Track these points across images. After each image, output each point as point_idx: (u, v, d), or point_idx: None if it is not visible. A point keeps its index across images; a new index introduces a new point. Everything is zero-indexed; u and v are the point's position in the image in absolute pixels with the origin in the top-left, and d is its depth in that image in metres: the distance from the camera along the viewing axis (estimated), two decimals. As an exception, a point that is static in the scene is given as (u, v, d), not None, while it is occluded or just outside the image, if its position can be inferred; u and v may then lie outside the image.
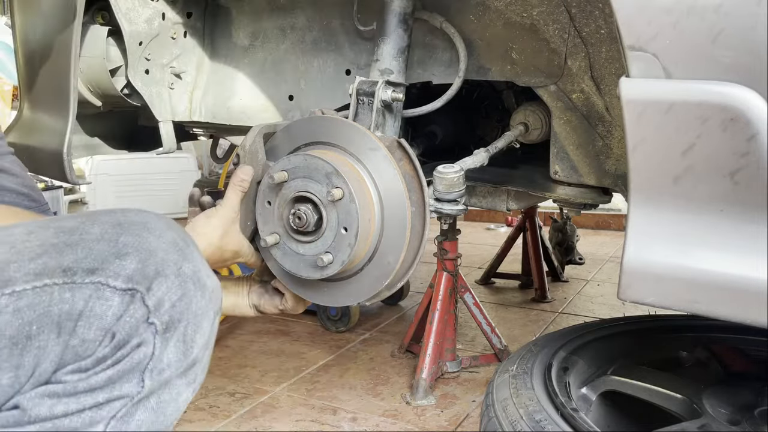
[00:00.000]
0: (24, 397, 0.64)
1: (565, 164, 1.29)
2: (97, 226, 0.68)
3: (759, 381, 1.21)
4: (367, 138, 1.02)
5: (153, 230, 0.70)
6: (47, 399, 0.64)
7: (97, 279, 0.65)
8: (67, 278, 0.65)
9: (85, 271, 0.65)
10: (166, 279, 0.68)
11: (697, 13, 0.77)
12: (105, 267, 0.66)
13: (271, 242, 1.02)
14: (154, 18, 1.62)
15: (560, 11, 1.14)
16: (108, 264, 0.66)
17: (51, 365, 0.64)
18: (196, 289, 0.70)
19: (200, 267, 0.72)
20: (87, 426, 0.65)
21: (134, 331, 0.65)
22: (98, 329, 0.64)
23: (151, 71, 1.65)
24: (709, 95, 0.78)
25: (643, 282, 0.87)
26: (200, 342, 0.71)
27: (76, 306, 0.64)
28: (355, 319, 2.19)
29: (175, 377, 0.69)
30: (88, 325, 0.64)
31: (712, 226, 0.82)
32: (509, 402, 1.14)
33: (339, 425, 1.52)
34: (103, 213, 0.72)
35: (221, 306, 0.77)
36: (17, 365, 0.63)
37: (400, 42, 1.21)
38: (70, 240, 0.67)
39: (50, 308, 0.64)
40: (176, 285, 0.68)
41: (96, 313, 0.64)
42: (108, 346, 0.65)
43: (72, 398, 0.64)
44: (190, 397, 0.74)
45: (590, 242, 3.75)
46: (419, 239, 1.04)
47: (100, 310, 0.64)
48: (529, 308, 2.48)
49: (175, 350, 0.68)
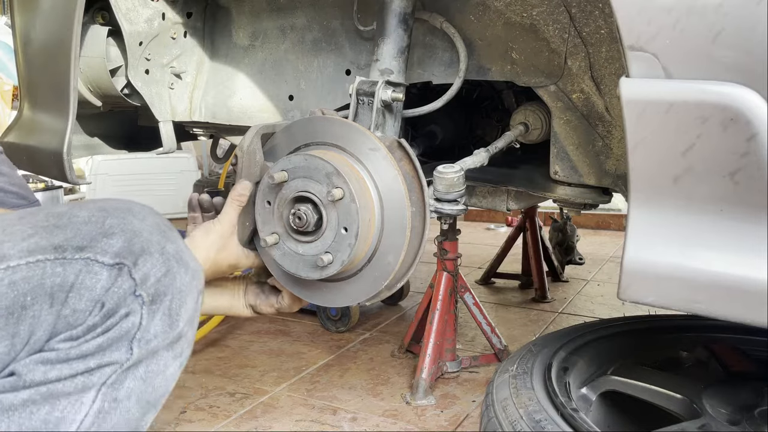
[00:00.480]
0: (19, 364, 0.68)
1: (565, 164, 1.29)
2: (84, 211, 0.73)
3: (759, 381, 1.21)
4: (367, 138, 1.02)
5: (136, 214, 0.74)
6: (41, 365, 0.68)
7: (86, 255, 0.69)
8: (58, 254, 0.68)
9: (74, 248, 0.69)
10: (150, 256, 0.72)
11: (697, 13, 0.77)
12: (93, 245, 0.69)
13: (270, 242, 1.02)
14: (154, 18, 1.62)
15: (560, 11, 1.14)
16: (96, 242, 0.70)
17: (44, 334, 0.68)
18: (180, 267, 0.74)
19: (183, 248, 0.76)
20: (80, 391, 0.68)
21: (122, 301, 0.69)
22: (88, 300, 0.68)
23: (151, 71, 1.65)
24: (709, 95, 0.78)
25: (643, 282, 0.87)
26: (185, 316, 0.75)
27: (68, 279, 0.68)
28: (355, 319, 2.19)
29: (162, 348, 0.73)
30: (79, 297, 0.68)
31: (712, 226, 0.82)
32: (509, 402, 1.14)
33: (339, 425, 1.52)
34: (89, 201, 0.77)
35: (203, 287, 0.80)
36: (13, 334, 0.67)
37: (400, 42, 1.21)
38: (60, 222, 0.71)
39: (43, 281, 0.67)
40: (160, 262, 0.72)
41: (86, 285, 0.68)
42: (98, 315, 0.69)
43: (65, 364, 0.68)
44: (177, 371, 0.77)
45: (590, 242, 3.74)
46: (419, 239, 1.04)
47: (90, 282, 0.68)
48: (529, 308, 2.48)
49: (161, 322, 0.72)
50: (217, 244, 1.03)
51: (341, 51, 1.50)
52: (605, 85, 1.16)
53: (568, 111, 1.25)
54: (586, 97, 1.21)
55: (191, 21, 1.69)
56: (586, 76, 1.17)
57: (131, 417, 0.73)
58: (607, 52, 1.13)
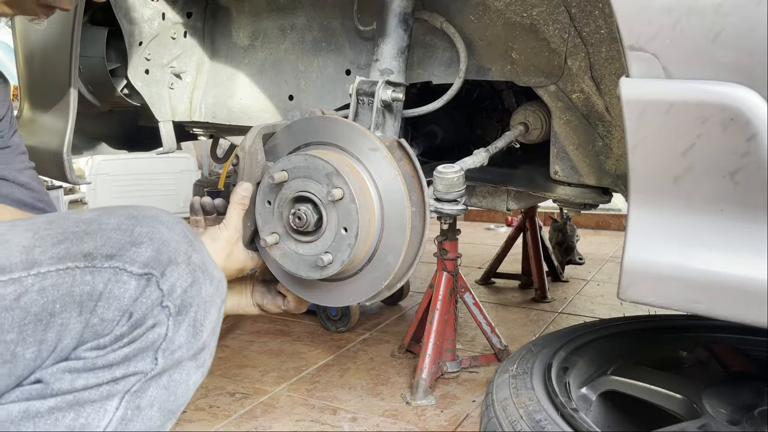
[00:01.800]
0: (46, 372, 0.69)
1: (565, 164, 1.29)
2: (114, 218, 0.73)
3: (759, 381, 1.21)
4: (367, 138, 1.02)
5: (165, 223, 0.75)
6: (68, 374, 0.68)
7: (115, 264, 0.69)
8: (88, 262, 0.69)
9: (104, 256, 0.69)
10: (177, 266, 0.72)
11: (697, 13, 0.77)
12: (122, 254, 0.70)
13: (270, 242, 1.02)
14: (154, 18, 1.62)
15: (560, 11, 1.14)
16: (125, 251, 0.70)
17: (72, 342, 0.68)
18: (205, 278, 0.75)
19: (207, 258, 0.77)
20: (104, 398, 0.69)
21: (149, 312, 0.70)
22: (116, 309, 0.68)
23: (151, 71, 1.65)
24: (708, 95, 0.78)
25: (643, 282, 0.87)
26: (209, 327, 0.75)
27: (97, 287, 0.68)
28: (355, 319, 2.19)
29: (186, 359, 0.74)
30: (107, 306, 0.68)
31: (712, 226, 0.82)
32: (509, 402, 1.14)
33: (339, 425, 1.52)
34: (118, 207, 0.76)
35: (226, 296, 0.80)
36: (41, 340, 0.67)
37: (400, 42, 1.21)
38: (89, 229, 0.71)
39: (73, 289, 0.68)
40: (187, 272, 0.73)
41: (114, 295, 0.68)
42: (125, 325, 0.69)
43: (91, 373, 0.69)
44: (199, 380, 0.78)
45: (590, 242, 3.74)
46: (419, 239, 1.04)
47: (119, 291, 0.68)
48: (529, 308, 2.48)
49: (186, 333, 0.72)
50: (225, 250, 1.03)
51: (341, 51, 1.50)
52: (605, 85, 1.16)
53: (568, 111, 1.25)
54: (586, 97, 1.21)
55: (191, 21, 1.69)
56: (586, 76, 1.17)
57: (152, 425, 0.73)
58: (607, 52, 1.13)
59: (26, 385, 0.69)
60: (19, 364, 0.67)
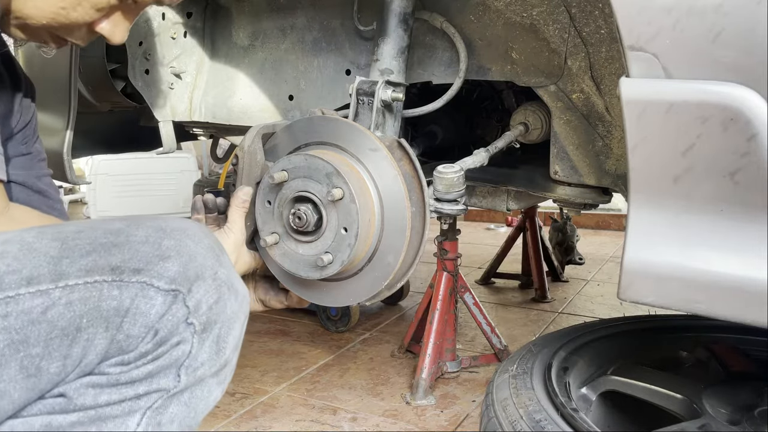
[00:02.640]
0: (70, 387, 0.68)
1: (565, 164, 1.29)
2: (142, 230, 0.72)
3: (759, 381, 1.21)
4: (367, 138, 1.02)
5: (192, 236, 0.74)
6: (91, 389, 0.68)
7: (142, 279, 0.68)
8: (116, 276, 0.68)
9: (131, 270, 0.68)
10: (204, 282, 0.71)
11: (697, 13, 0.77)
12: (150, 268, 0.69)
13: (270, 242, 1.02)
14: (154, 18, 1.62)
15: (560, 11, 1.14)
16: (152, 265, 0.69)
17: (96, 357, 0.68)
18: (230, 294, 0.74)
19: (232, 273, 0.76)
20: (125, 414, 0.69)
21: (175, 329, 0.69)
22: (142, 326, 0.68)
23: (151, 71, 1.65)
24: (709, 95, 0.78)
25: (643, 282, 0.87)
26: (231, 344, 0.75)
27: (123, 303, 0.67)
28: (355, 319, 2.19)
29: (208, 376, 0.73)
30: (133, 322, 0.68)
31: (712, 226, 0.82)
32: (509, 402, 1.14)
33: (339, 425, 1.52)
34: (146, 218, 0.75)
35: (248, 315, 0.79)
36: (66, 355, 0.66)
37: (400, 42, 1.21)
38: (117, 241, 0.70)
39: (100, 303, 0.67)
40: (213, 288, 0.72)
41: (141, 311, 0.68)
42: (150, 342, 0.68)
43: (114, 389, 0.68)
44: (219, 396, 0.77)
45: (590, 242, 3.75)
46: (419, 239, 1.04)
47: (145, 308, 0.68)
48: (529, 308, 2.48)
49: (210, 350, 0.72)
50: (233, 254, 1.04)
51: (341, 51, 1.50)
52: (605, 85, 1.16)
53: (568, 111, 1.25)
54: (586, 97, 1.21)
55: (191, 21, 1.69)
56: (586, 76, 1.17)
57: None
58: (607, 52, 1.13)
59: (49, 398, 0.68)
60: (44, 378, 0.66)
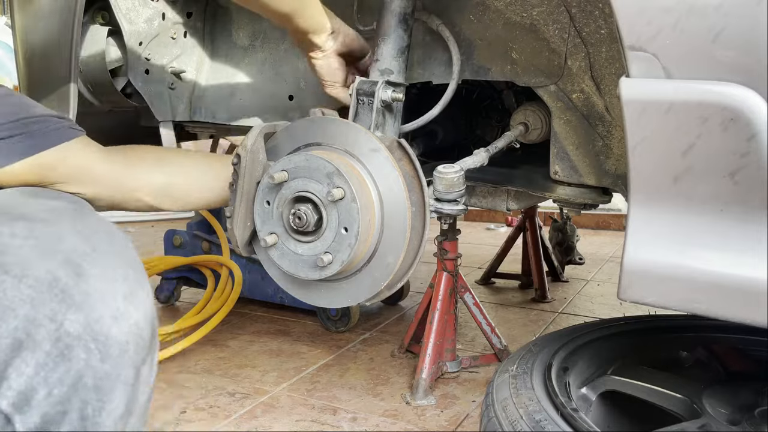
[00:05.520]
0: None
1: (565, 164, 1.29)
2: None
3: (759, 381, 1.21)
4: (367, 138, 1.02)
5: (12, 265, 0.45)
6: None
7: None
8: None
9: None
10: (33, 353, 0.44)
11: (697, 13, 0.77)
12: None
13: (270, 242, 1.02)
14: (154, 18, 1.62)
15: (560, 11, 1.14)
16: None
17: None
18: (93, 352, 0.47)
19: (100, 306, 0.47)
20: None
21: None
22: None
23: (151, 71, 1.65)
24: (709, 95, 0.78)
25: (643, 282, 0.87)
26: (111, 419, 0.49)
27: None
28: (355, 319, 2.19)
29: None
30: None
31: (712, 226, 0.82)
32: (509, 402, 1.14)
33: (339, 425, 1.52)
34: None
35: (152, 346, 0.53)
36: None
37: (400, 42, 1.21)
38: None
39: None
40: (54, 357, 0.45)
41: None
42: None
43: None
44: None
45: (590, 242, 3.75)
46: (419, 239, 1.04)
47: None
48: (529, 308, 2.48)
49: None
50: None
51: (341, 51, 1.50)
52: (605, 85, 1.16)
53: (568, 111, 1.25)
54: (586, 97, 1.21)
55: (191, 21, 1.69)
56: (586, 76, 1.17)
57: None
58: (607, 52, 1.13)
59: None
60: None
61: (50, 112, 0.94)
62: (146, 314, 0.52)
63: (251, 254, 1.13)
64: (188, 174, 1.12)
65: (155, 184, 1.08)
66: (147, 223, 4.58)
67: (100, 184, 1.02)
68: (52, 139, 0.93)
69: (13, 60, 1.92)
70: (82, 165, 0.98)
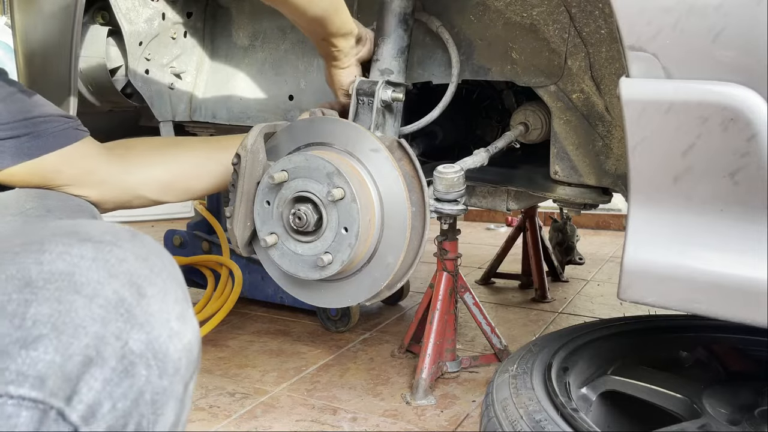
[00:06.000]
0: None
1: (565, 164, 1.29)
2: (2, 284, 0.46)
3: (759, 381, 1.21)
4: (367, 138, 1.02)
5: (83, 285, 0.48)
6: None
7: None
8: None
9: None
10: (101, 369, 0.46)
11: (697, 13, 0.77)
12: (5, 366, 0.43)
13: (270, 242, 1.02)
14: (154, 18, 1.62)
15: (560, 11, 1.14)
16: (9, 360, 0.43)
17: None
18: (153, 369, 0.50)
19: (159, 326, 0.51)
20: None
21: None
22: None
23: (151, 71, 1.65)
24: (709, 95, 0.78)
25: (643, 282, 0.87)
26: (164, 430, 0.52)
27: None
28: (355, 319, 2.19)
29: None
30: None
31: (712, 226, 0.82)
32: (509, 402, 1.14)
33: (339, 425, 1.52)
34: (11, 253, 0.48)
35: (198, 363, 0.57)
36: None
37: (400, 42, 1.21)
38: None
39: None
40: (119, 373, 0.47)
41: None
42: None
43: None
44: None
45: (590, 242, 3.75)
46: (419, 239, 1.04)
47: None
48: (529, 308, 2.48)
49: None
50: None
51: (341, 51, 1.50)
52: (605, 85, 1.16)
53: (568, 111, 1.25)
54: (586, 97, 1.21)
55: (191, 21, 1.69)
56: (586, 76, 1.17)
57: None
58: (607, 52, 1.13)
59: None
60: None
61: (57, 111, 0.95)
62: (195, 334, 0.56)
63: (251, 254, 1.13)
64: (189, 164, 1.14)
65: (157, 179, 1.10)
66: (147, 223, 4.58)
67: (105, 185, 1.03)
68: (58, 141, 0.94)
69: (13, 60, 1.92)
70: (86, 168, 1.00)
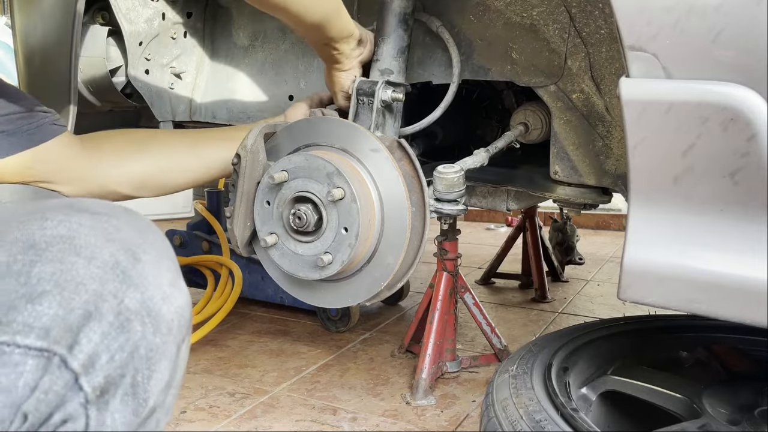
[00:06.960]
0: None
1: (565, 164, 1.29)
2: (5, 248, 0.51)
3: (759, 381, 1.21)
4: (367, 139, 1.02)
5: (82, 248, 0.53)
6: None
7: (1, 338, 0.48)
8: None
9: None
10: (100, 323, 0.51)
11: (697, 13, 0.77)
12: (12, 318, 0.48)
13: (270, 242, 1.02)
14: (154, 18, 1.62)
15: (560, 11, 1.14)
16: (16, 313, 0.48)
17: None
18: (147, 326, 0.54)
19: (153, 288, 0.55)
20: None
21: (56, 404, 0.49)
22: (5, 406, 0.47)
23: (151, 71, 1.65)
24: (709, 95, 0.78)
25: (643, 282, 0.87)
26: (157, 388, 0.56)
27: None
28: (355, 319, 2.19)
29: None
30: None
31: (712, 226, 0.82)
32: (509, 402, 1.14)
33: (339, 425, 1.52)
34: (18, 214, 0.54)
35: (189, 328, 0.61)
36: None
37: (400, 42, 1.21)
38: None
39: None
40: (116, 328, 0.52)
41: (2, 385, 0.47)
42: (21, 429, 0.48)
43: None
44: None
45: (590, 242, 3.75)
46: (419, 239, 1.04)
47: (8, 380, 0.47)
48: (529, 308, 2.48)
49: (122, 409, 0.53)
50: None
51: (341, 51, 1.50)
52: (605, 85, 1.16)
53: (568, 111, 1.25)
54: (586, 97, 1.21)
55: (191, 21, 1.69)
56: (586, 76, 1.17)
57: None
58: (607, 52, 1.13)
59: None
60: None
61: (35, 106, 0.95)
62: (186, 299, 0.60)
63: (251, 254, 1.13)
64: (165, 159, 1.13)
65: (132, 175, 1.10)
66: (147, 223, 4.57)
67: (79, 182, 1.03)
68: (36, 138, 0.94)
69: (13, 60, 1.92)
70: (61, 164, 0.99)
